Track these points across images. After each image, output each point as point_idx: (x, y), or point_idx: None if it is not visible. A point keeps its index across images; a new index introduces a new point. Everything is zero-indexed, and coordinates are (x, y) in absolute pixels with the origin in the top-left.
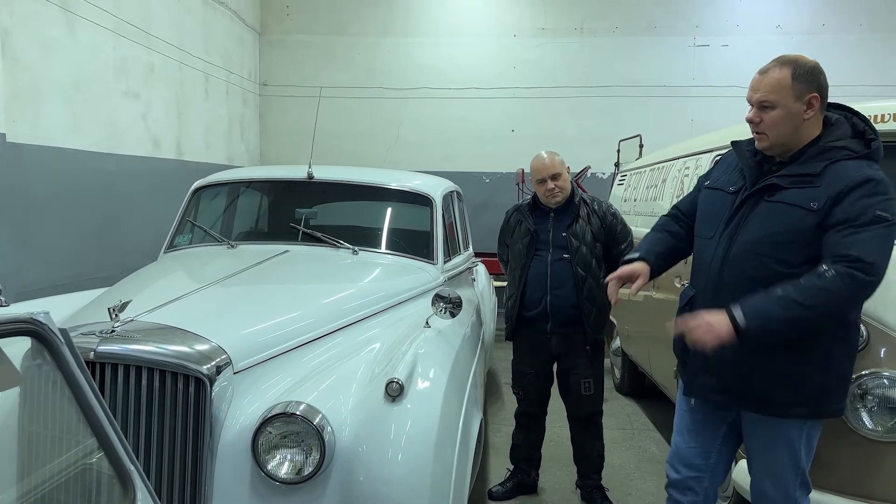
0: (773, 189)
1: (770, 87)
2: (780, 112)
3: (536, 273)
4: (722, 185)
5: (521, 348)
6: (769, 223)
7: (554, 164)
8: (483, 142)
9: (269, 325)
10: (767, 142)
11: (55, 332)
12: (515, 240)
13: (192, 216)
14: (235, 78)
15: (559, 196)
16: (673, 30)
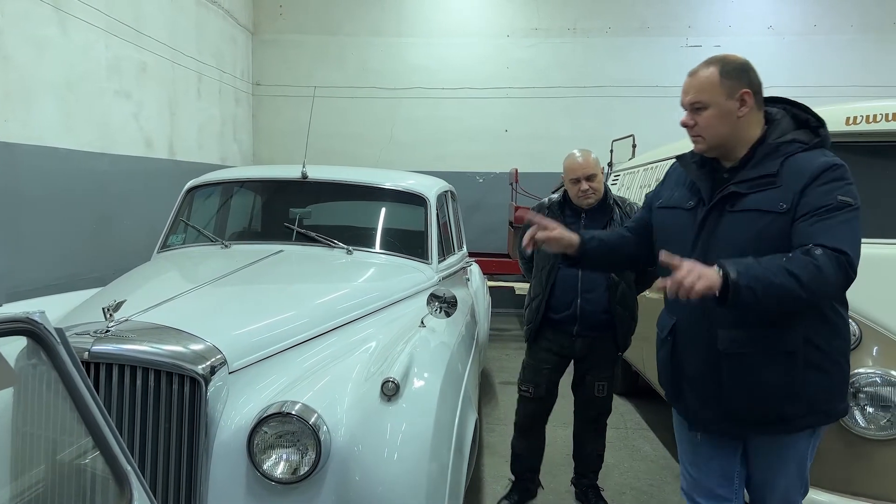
0: (733, 198)
1: (699, 87)
2: (712, 112)
3: (567, 276)
4: (677, 203)
5: (542, 345)
6: (740, 235)
7: (589, 163)
8: (476, 142)
9: (264, 324)
10: (704, 144)
11: (51, 331)
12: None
13: (186, 216)
14: (228, 78)
15: (592, 198)
16: (665, 30)
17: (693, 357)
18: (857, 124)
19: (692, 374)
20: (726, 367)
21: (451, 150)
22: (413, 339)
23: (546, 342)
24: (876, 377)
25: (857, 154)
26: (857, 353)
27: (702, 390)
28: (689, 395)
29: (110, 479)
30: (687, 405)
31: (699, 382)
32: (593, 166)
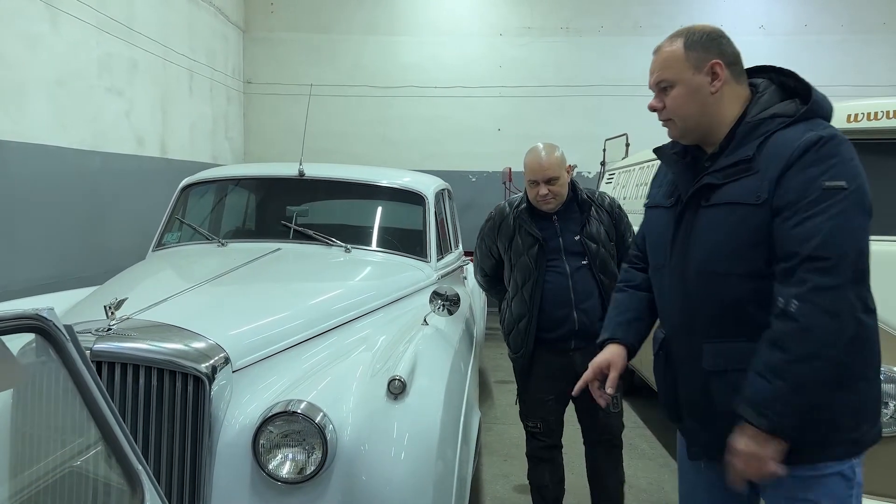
0: (707, 190)
1: (664, 64)
2: (680, 90)
3: (557, 288)
4: (660, 201)
5: (537, 373)
6: (714, 233)
7: (551, 164)
8: (469, 141)
9: (266, 323)
10: (676, 128)
11: (61, 328)
12: (517, 251)
13: (181, 214)
14: (220, 75)
15: (551, 203)
16: (658, 30)
17: (684, 375)
18: (858, 121)
19: (686, 394)
20: (715, 388)
21: (444, 148)
22: (416, 338)
23: (542, 367)
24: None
25: (858, 151)
26: None
27: (698, 412)
28: (687, 417)
29: (122, 478)
30: (687, 427)
31: (694, 404)
32: (555, 168)
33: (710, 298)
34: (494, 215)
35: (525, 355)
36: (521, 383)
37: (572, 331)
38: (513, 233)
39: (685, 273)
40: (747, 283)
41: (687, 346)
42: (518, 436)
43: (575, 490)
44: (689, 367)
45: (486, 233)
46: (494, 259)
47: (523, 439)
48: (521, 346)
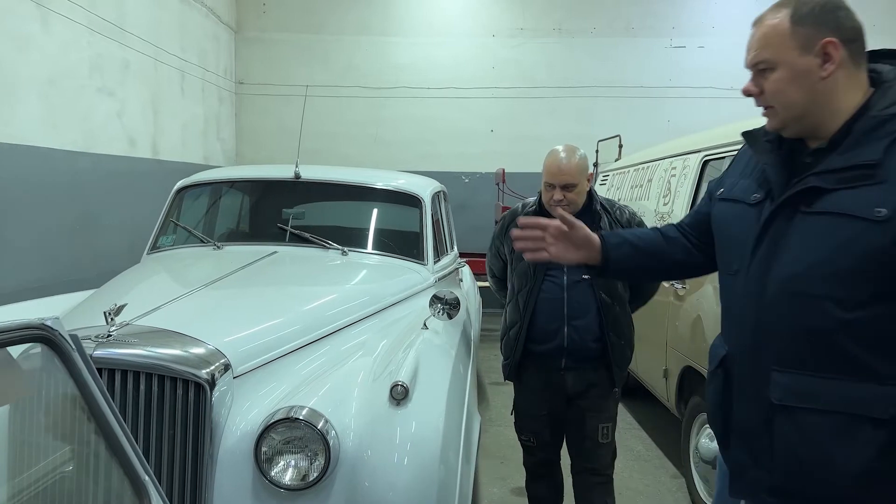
0: (812, 194)
1: (763, 41)
2: (782, 73)
3: (549, 299)
4: (740, 195)
5: (528, 387)
6: (815, 246)
7: (570, 169)
8: (462, 142)
9: (266, 328)
10: (777, 118)
11: (66, 338)
12: (518, 255)
13: (176, 217)
14: (211, 76)
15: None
16: (650, 31)
17: (744, 401)
18: None
19: (741, 424)
20: (779, 425)
21: (437, 149)
22: (417, 342)
23: (532, 380)
24: None
25: None
26: None
27: (752, 446)
28: (738, 449)
29: (128, 489)
30: (735, 458)
31: (748, 435)
32: (575, 174)
33: (793, 321)
34: (506, 216)
35: (512, 364)
36: (516, 398)
37: (561, 347)
38: None
39: (765, 286)
40: (845, 311)
41: (752, 371)
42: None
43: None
44: (750, 395)
45: (497, 233)
46: (502, 261)
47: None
48: (510, 355)
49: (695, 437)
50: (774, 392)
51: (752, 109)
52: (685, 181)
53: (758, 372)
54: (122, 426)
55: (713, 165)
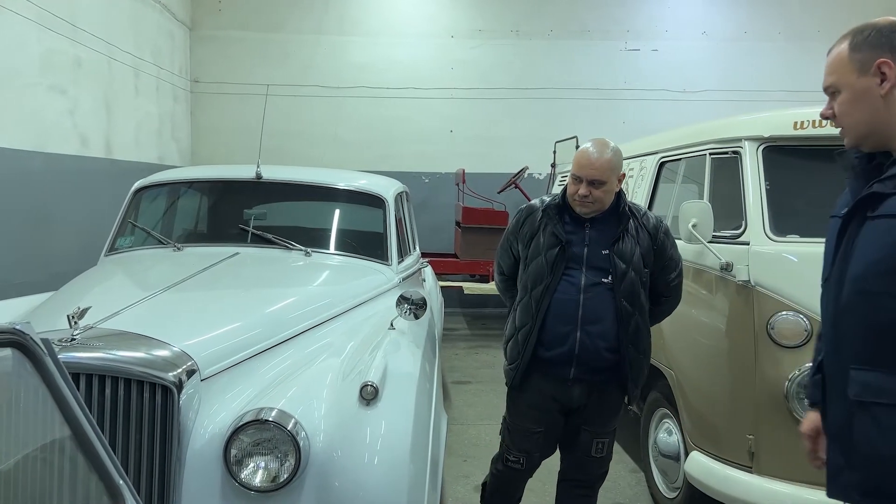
0: (876, 200)
1: (830, 68)
2: (846, 95)
3: (563, 299)
4: (837, 211)
5: (527, 400)
6: (874, 247)
7: (600, 165)
8: (422, 142)
9: (233, 330)
10: (850, 136)
11: (38, 342)
12: (535, 250)
13: (133, 217)
14: (166, 74)
15: (588, 208)
16: (605, 34)
17: (833, 402)
18: (804, 129)
19: (832, 425)
20: (858, 421)
21: (397, 150)
22: (384, 343)
23: (534, 394)
24: None
25: (805, 157)
26: (808, 348)
27: (843, 446)
28: (833, 451)
29: (104, 493)
30: (831, 460)
31: (839, 435)
32: (604, 170)
33: (861, 319)
34: (523, 210)
35: (519, 369)
36: (509, 409)
37: (571, 353)
38: (536, 229)
39: (841, 288)
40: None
41: (837, 370)
42: (476, 435)
43: None
44: (837, 395)
45: (512, 228)
46: (514, 257)
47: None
48: (517, 358)
49: (653, 432)
50: (852, 388)
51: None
52: (643, 182)
53: (841, 371)
54: (97, 430)
55: (668, 170)
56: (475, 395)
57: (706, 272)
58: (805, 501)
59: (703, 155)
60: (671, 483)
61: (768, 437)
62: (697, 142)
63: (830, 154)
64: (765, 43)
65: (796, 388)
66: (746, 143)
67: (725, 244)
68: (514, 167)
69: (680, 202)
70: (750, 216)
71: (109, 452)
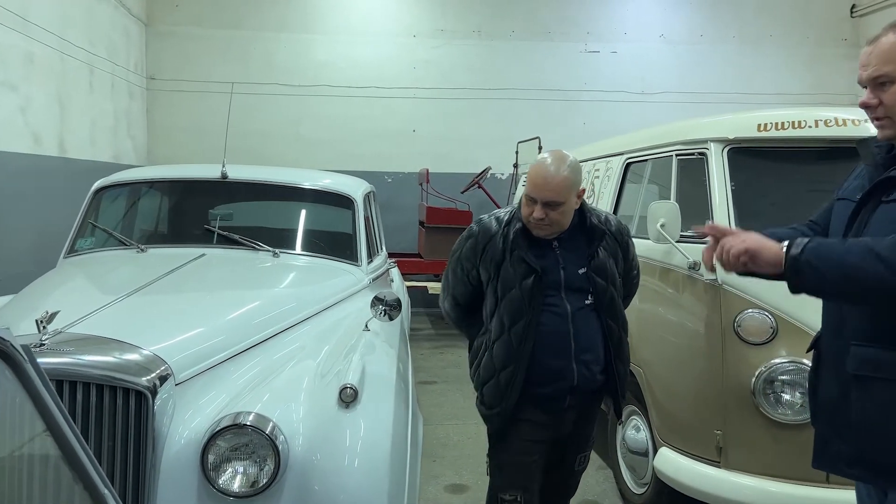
0: (890, 186)
1: (884, 57)
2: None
3: (554, 332)
4: (849, 195)
5: (519, 433)
6: (885, 229)
7: (556, 185)
8: (385, 141)
9: (206, 333)
10: (893, 129)
11: (19, 349)
12: (507, 281)
13: (94, 218)
14: (121, 71)
15: (546, 230)
16: (566, 36)
17: (827, 378)
18: (768, 131)
19: (824, 399)
20: (855, 395)
21: (359, 149)
22: (360, 344)
23: (528, 426)
24: (790, 366)
25: (769, 159)
26: (773, 345)
27: (833, 419)
28: (822, 424)
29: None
30: (819, 432)
31: (830, 409)
32: (561, 190)
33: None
34: (477, 232)
35: (503, 413)
36: (496, 445)
37: (570, 386)
38: (502, 257)
39: None
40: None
41: (835, 347)
42: (445, 435)
43: None
44: (832, 369)
45: (466, 253)
46: (472, 286)
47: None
48: (500, 402)
49: (621, 429)
50: (851, 363)
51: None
52: (609, 182)
53: (839, 348)
54: (80, 439)
55: (634, 170)
56: (442, 395)
57: (674, 271)
58: (771, 494)
59: (670, 156)
60: (639, 479)
61: (736, 432)
62: (664, 143)
63: (792, 155)
64: (720, 46)
65: (763, 384)
66: (712, 144)
67: (693, 244)
68: (477, 167)
69: (646, 202)
70: (717, 216)
71: (94, 461)
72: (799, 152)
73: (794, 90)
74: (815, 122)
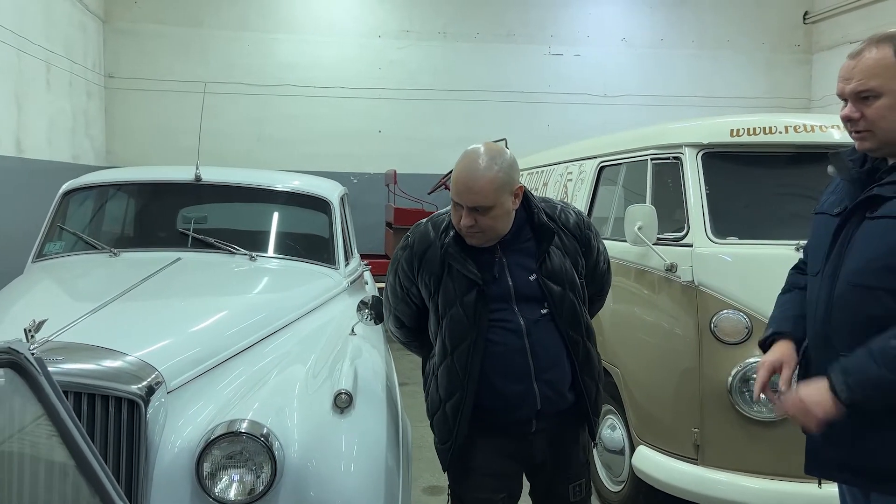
0: (876, 202)
1: (868, 72)
2: (887, 101)
3: (503, 352)
4: (827, 208)
5: (480, 465)
6: (870, 245)
7: (482, 188)
8: (350, 142)
9: (194, 340)
10: (874, 141)
11: (32, 361)
12: (447, 299)
13: (62, 221)
14: (79, 69)
15: (480, 238)
16: (530, 38)
17: None
18: (740, 136)
19: None
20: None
21: (324, 149)
22: (348, 349)
23: (487, 456)
24: None
25: (741, 163)
26: (748, 345)
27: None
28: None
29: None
30: (810, 444)
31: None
32: (488, 193)
33: (856, 312)
34: (412, 243)
35: (453, 449)
36: (457, 478)
37: (534, 411)
38: (440, 272)
39: (835, 283)
40: (890, 301)
41: (824, 358)
42: (419, 437)
43: None
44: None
45: (402, 267)
46: (414, 304)
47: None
48: (449, 437)
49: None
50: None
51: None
52: (582, 185)
53: (829, 358)
54: (93, 450)
55: (607, 174)
56: (412, 396)
57: (650, 273)
58: (747, 490)
59: (645, 160)
60: (615, 477)
61: (713, 430)
62: (639, 147)
63: (764, 159)
64: (679, 51)
65: (738, 383)
66: (687, 149)
67: (669, 246)
68: (443, 168)
69: (621, 205)
70: (692, 219)
71: (108, 474)
72: (770, 157)
73: (750, 94)
74: (785, 128)
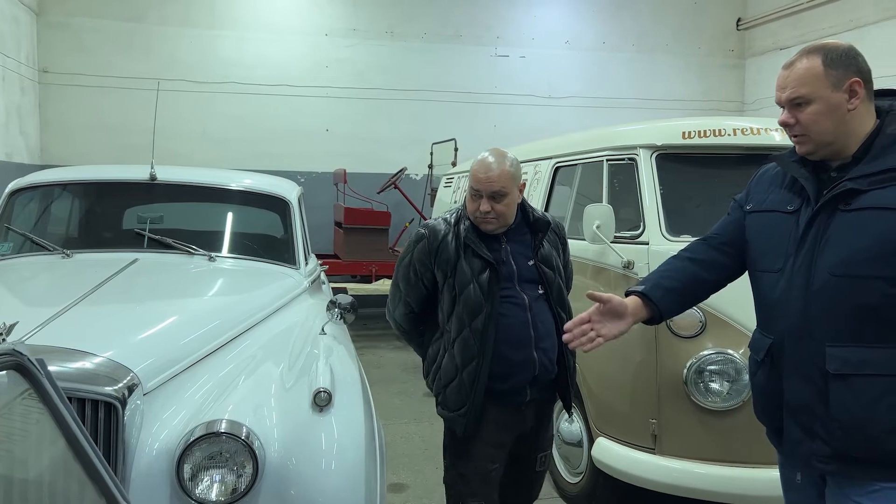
0: (848, 196)
1: (800, 80)
2: (817, 107)
3: (515, 324)
4: (775, 206)
5: (483, 437)
6: (859, 236)
7: (501, 176)
8: (297, 141)
9: (167, 342)
10: (810, 144)
11: (35, 363)
12: (463, 278)
13: (8, 222)
14: (12, 63)
15: (492, 224)
16: (477, 39)
17: (795, 381)
18: (691, 138)
19: (794, 402)
20: (835, 393)
21: (271, 148)
22: (321, 348)
23: (492, 429)
24: (718, 356)
25: (692, 164)
26: (702, 338)
27: (805, 420)
28: (791, 426)
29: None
30: (788, 438)
31: (802, 411)
32: (506, 180)
33: (843, 302)
34: (427, 235)
35: (471, 413)
36: (458, 452)
37: (531, 377)
38: (456, 257)
39: (811, 276)
40: (887, 288)
41: (804, 350)
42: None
43: None
44: (803, 372)
45: (419, 257)
46: (427, 290)
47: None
48: (466, 401)
49: (555, 421)
50: (832, 364)
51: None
52: (538, 185)
53: (810, 351)
54: (97, 452)
55: (563, 174)
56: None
57: (608, 270)
58: (700, 476)
59: (601, 161)
60: (574, 469)
61: (669, 420)
62: (594, 148)
63: (714, 160)
64: (620, 54)
65: (694, 375)
66: (641, 150)
67: (626, 244)
68: (392, 167)
69: (577, 205)
70: (647, 218)
71: (112, 475)
72: (719, 158)
73: (687, 97)
74: (734, 131)
